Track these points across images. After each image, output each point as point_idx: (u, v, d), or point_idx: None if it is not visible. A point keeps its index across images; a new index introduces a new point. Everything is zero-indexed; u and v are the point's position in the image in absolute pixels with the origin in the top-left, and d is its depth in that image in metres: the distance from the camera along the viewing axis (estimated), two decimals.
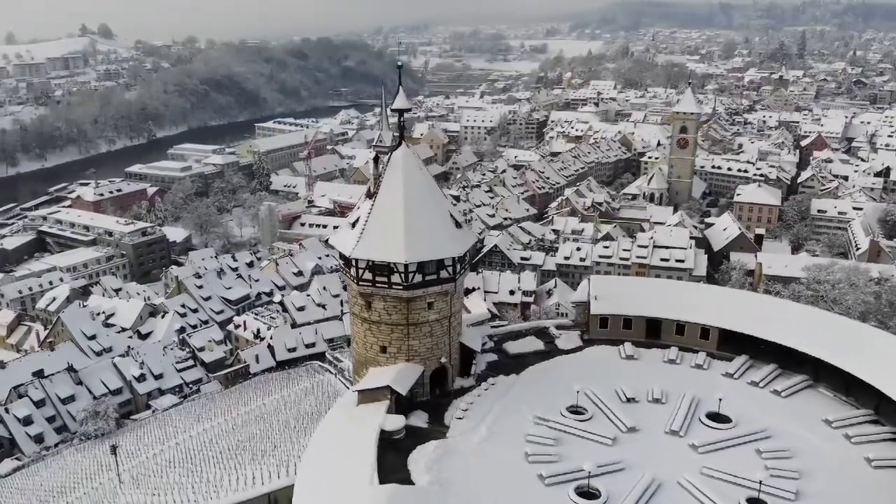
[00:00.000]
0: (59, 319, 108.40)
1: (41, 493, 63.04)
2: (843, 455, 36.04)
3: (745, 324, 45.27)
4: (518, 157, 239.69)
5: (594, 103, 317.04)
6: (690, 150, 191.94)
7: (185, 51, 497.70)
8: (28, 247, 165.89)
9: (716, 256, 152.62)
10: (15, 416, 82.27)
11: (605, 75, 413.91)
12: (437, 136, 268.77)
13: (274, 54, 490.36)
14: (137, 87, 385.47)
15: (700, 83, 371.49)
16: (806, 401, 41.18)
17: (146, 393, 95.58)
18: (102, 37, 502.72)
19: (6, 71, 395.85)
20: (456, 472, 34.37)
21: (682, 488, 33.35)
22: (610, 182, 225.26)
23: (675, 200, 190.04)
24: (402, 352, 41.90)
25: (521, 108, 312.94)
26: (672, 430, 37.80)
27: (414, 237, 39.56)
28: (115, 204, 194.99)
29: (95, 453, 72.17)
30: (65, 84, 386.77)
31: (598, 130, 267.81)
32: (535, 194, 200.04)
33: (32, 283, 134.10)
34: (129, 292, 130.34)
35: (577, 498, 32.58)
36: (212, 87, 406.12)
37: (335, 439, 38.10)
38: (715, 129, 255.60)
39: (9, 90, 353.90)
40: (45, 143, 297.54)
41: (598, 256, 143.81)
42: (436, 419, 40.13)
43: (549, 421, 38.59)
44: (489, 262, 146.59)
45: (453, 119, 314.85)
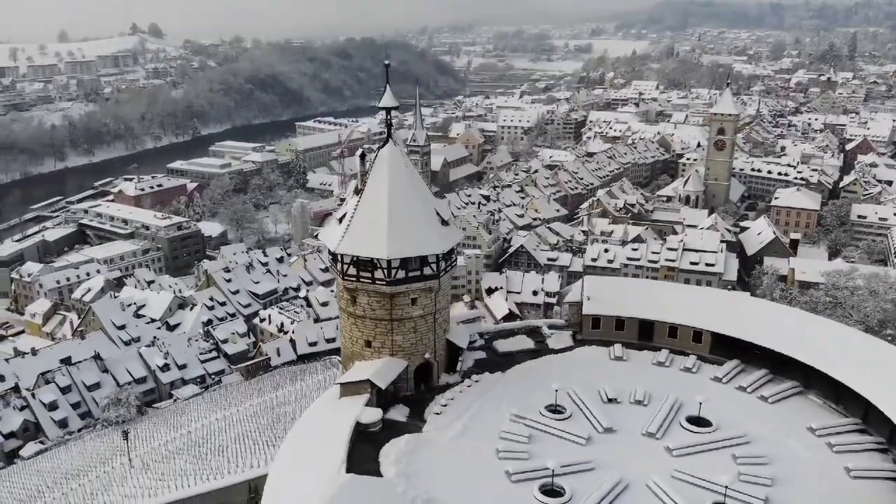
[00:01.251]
0: (90, 309, 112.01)
1: (57, 476, 65.44)
2: (821, 463, 35.29)
3: (738, 328, 44.60)
4: (553, 157, 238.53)
5: (634, 104, 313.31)
6: (728, 152, 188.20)
7: (231, 50, 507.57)
8: (69, 239, 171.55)
9: (749, 261, 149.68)
10: (41, 402, 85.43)
11: (648, 75, 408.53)
12: (473, 135, 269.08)
13: (318, 54, 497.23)
14: (184, 86, 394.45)
15: (746, 84, 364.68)
16: (793, 407, 40.38)
17: (169, 382, 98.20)
18: (152, 36, 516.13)
19: (58, 68, 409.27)
20: (424, 466, 34.70)
21: (649, 490, 33.11)
22: (646, 183, 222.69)
23: (712, 203, 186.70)
24: (387, 346, 42.41)
25: (560, 108, 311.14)
26: (649, 433, 37.49)
27: (397, 233, 40.03)
28: (155, 199, 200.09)
29: (113, 438, 74.48)
30: (114, 81, 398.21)
31: (637, 131, 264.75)
32: (567, 195, 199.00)
33: (70, 273, 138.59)
34: (162, 285, 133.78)
35: (541, 496, 32.61)
36: (256, 86, 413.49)
37: (313, 430, 38.85)
38: (757, 131, 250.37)
39: (60, 87, 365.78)
40: (93, 139, 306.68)
41: (626, 258, 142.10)
42: (415, 414, 40.54)
43: (525, 419, 38.64)
44: (515, 263, 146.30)
45: (491, 119, 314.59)
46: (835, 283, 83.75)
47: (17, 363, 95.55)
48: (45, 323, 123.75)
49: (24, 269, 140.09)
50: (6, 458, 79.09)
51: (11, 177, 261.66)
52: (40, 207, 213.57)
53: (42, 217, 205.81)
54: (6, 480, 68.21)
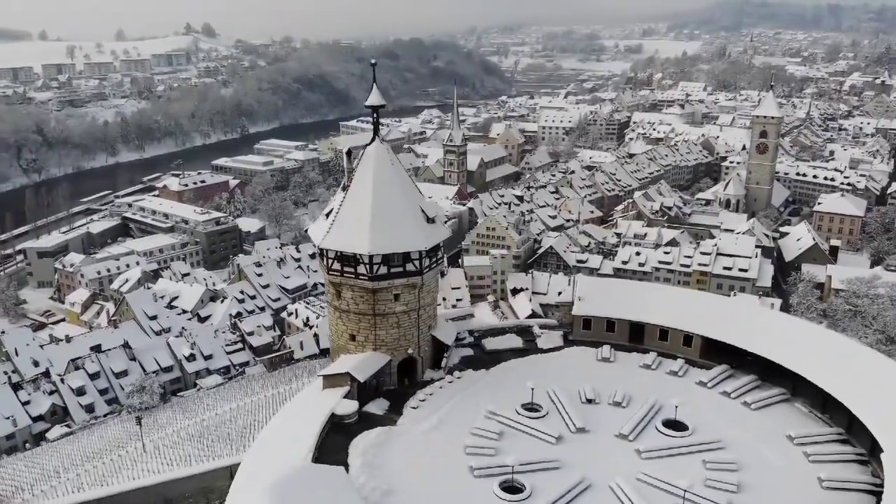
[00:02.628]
0: (124, 299, 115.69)
1: (75, 457, 68.10)
2: (794, 472, 34.59)
3: (728, 333, 43.98)
4: (593, 158, 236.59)
5: (679, 105, 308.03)
6: (770, 156, 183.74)
7: (281, 50, 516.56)
8: (113, 231, 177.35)
9: (787, 267, 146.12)
10: (69, 387, 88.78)
11: (697, 77, 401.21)
12: (513, 135, 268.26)
13: (366, 54, 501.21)
14: (234, 85, 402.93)
15: (798, 87, 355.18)
16: (775, 415, 39.63)
17: (194, 372, 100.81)
18: (206, 35, 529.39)
19: (113, 66, 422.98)
20: (390, 458, 35.27)
21: (610, 491, 33.01)
22: (687, 186, 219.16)
23: (753, 208, 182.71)
24: (370, 341, 43.11)
25: (603, 109, 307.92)
26: (621, 434, 37.31)
27: (379, 230, 40.68)
28: (197, 194, 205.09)
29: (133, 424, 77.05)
30: (167, 80, 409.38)
31: (681, 133, 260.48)
32: (603, 196, 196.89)
33: (110, 265, 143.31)
34: (196, 278, 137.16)
35: (500, 492, 32.81)
36: (304, 86, 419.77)
37: (291, 419, 39.75)
38: (805, 134, 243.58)
39: (114, 84, 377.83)
40: (144, 135, 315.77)
41: (658, 262, 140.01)
42: (394, 408, 41.11)
43: (499, 416, 38.85)
44: (544, 264, 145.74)
45: (532, 119, 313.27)
46: (855, 291, 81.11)
47: (51, 349, 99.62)
48: (83, 312, 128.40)
49: (67, 260, 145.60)
50: (34, 439, 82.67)
51: (64, 171, 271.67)
52: (89, 201, 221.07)
53: (91, 210, 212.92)
54: (28, 461, 71.30)
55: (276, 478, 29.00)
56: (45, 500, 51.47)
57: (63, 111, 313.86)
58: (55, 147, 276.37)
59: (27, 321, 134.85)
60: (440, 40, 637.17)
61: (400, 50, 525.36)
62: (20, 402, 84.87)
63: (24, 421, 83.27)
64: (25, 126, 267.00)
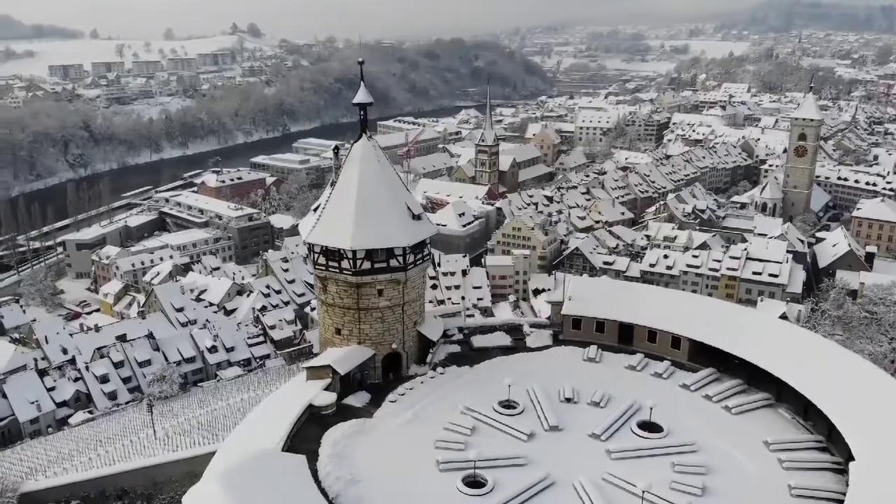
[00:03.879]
0: (152, 291, 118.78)
1: (91, 442, 70.35)
2: (764, 478, 34.08)
3: (716, 336, 43.47)
4: (629, 159, 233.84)
5: (721, 106, 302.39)
6: (809, 159, 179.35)
7: (324, 50, 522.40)
8: (150, 225, 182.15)
9: (821, 273, 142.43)
10: (93, 374, 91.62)
11: (742, 78, 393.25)
12: (549, 136, 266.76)
13: (407, 54, 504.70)
14: (276, 84, 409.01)
15: (846, 89, 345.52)
16: (756, 420, 39.07)
17: (216, 363, 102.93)
18: (251, 35, 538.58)
19: (161, 65, 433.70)
20: (359, 449, 35.88)
21: (572, 489, 33.04)
22: (725, 189, 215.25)
23: (790, 212, 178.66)
24: (354, 335, 43.82)
25: (642, 110, 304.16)
26: (594, 434, 37.25)
27: (362, 225, 41.34)
28: (234, 191, 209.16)
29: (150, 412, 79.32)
30: (212, 78, 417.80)
31: (721, 135, 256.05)
32: (636, 198, 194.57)
33: (144, 257, 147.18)
34: (226, 272, 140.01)
35: (463, 486, 33.11)
36: (345, 86, 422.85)
37: (272, 408, 40.66)
38: (850, 138, 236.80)
39: (161, 82, 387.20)
40: (188, 133, 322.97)
41: (686, 265, 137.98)
42: (375, 401, 41.74)
43: (475, 412, 39.13)
44: (570, 265, 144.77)
45: (569, 119, 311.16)
46: (871, 298, 78.74)
47: (79, 338, 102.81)
48: (116, 303, 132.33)
49: (104, 252, 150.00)
50: (57, 424, 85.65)
51: (109, 166, 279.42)
52: (131, 196, 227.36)
53: (133, 204, 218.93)
54: (47, 444, 73.94)
55: (234, 464, 29.79)
56: (46, 481, 53.30)
57: (110, 108, 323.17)
58: (101, 143, 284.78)
59: (63, 310, 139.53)
60: (483, 40, 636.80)
61: (441, 50, 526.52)
62: (45, 387, 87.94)
63: (49, 406, 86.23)
64: (73, 122, 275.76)
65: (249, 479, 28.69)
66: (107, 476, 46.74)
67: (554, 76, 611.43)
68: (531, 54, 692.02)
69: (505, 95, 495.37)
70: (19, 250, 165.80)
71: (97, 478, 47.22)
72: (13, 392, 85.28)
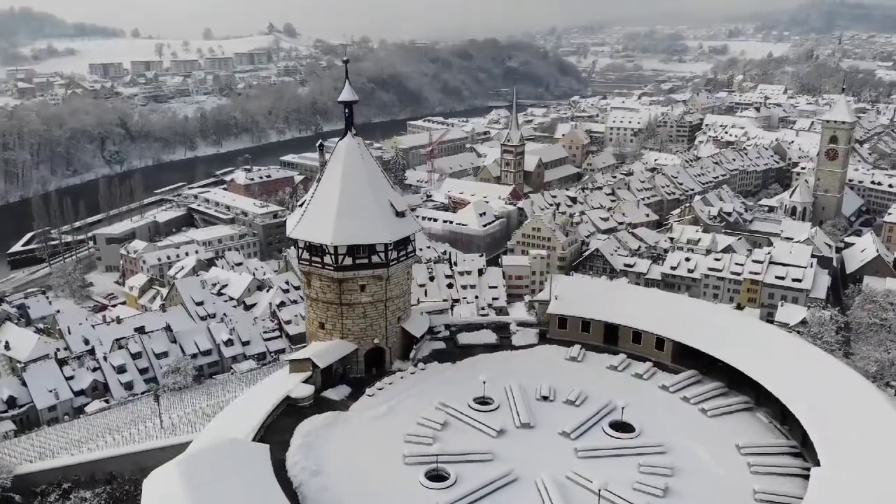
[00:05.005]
0: (173, 285, 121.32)
1: (101, 430, 72.49)
2: (729, 482, 33.79)
3: (699, 338, 43.16)
4: (658, 160, 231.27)
5: (755, 108, 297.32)
6: (841, 162, 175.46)
7: (358, 50, 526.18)
8: (178, 221, 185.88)
9: (848, 279, 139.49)
10: (111, 364, 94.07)
11: (780, 79, 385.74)
12: (578, 136, 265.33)
13: (440, 55, 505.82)
14: (310, 84, 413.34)
15: (886, 91, 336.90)
16: (731, 423, 38.72)
17: (231, 356, 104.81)
18: (287, 35, 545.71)
19: (198, 63, 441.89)
20: (329, 441, 36.50)
21: (534, 486, 33.19)
22: (755, 192, 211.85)
23: (821, 216, 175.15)
24: (337, 329, 44.49)
25: (674, 111, 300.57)
26: (564, 432, 37.32)
27: (344, 221, 41.99)
28: (262, 188, 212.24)
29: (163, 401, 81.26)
30: (247, 78, 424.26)
31: (755, 137, 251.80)
32: (663, 200, 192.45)
33: (171, 252, 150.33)
34: (248, 267, 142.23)
35: (425, 479, 33.50)
36: (378, 86, 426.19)
37: (252, 399, 41.62)
38: (886, 141, 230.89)
39: (198, 81, 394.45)
40: (222, 131, 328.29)
41: (708, 269, 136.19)
42: (354, 394, 42.33)
43: (449, 408, 39.49)
44: (590, 266, 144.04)
45: (600, 120, 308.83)
46: (880, 304, 76.81)
47: (101, 329, 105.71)
48: (140, 296, 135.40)
49: (132, 247, 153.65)
50: (74, 412, 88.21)
51: (145, 162, 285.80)
52: (163, 192, 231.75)
53: (165, 200, 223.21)
54: (61, 431, 76.35)
55: (196, 451, 30.64)
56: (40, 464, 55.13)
57: (147, 106, 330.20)
58: (137, 140, 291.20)
59: (91, 303, 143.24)
60: (518, 41, 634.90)
61: (474, 50, 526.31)
62: (64, 376, 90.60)
63: (66, 394, 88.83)
64: (110, 119, 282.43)
65: (208, 465, 29.48)
66: (96, 461, 48.27)
67: (588, 76, 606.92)
68: (566, 54, 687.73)
69: (537, 95, 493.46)
70: (51, 244, 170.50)
71: (87, 462, 48.86)
72: (33, 380, 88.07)
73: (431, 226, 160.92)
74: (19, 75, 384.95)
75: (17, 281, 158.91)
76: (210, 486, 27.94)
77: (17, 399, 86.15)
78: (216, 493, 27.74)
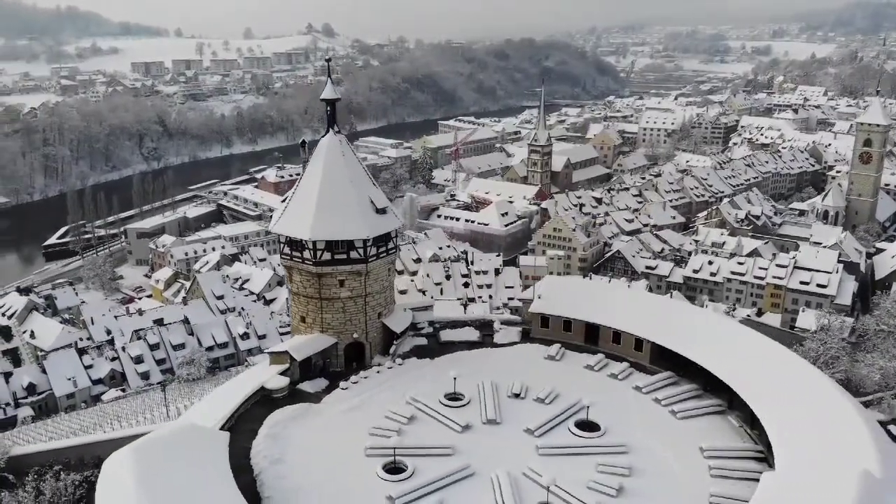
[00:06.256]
0: (195, 279, 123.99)
1: (110, 417, 74.62)
2: (686, 484, 33.66)
3: (676, 340, 42.92)
4: (690, 161, 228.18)
5: (793, 110, 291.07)
6: (875, 166, 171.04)
7: (395, 50, 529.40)
8: (208, 217, 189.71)
9: (877, 286, 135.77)
10: (129, 355, 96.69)
11: (822, 81, 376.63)
12: (609, 136, 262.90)
13: (476, 55, 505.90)
14: (346, 83, 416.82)
15: None
16: (699, 425, 38.48)
17: (247, 349, 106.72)
18: (325, 35, 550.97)
19: (237, 63, 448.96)
20: (296, 432, 37.32)
21: (488, 481, 33.46)
22: (788, 195, 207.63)
23: (854, 221, 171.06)
24: (317, 323, 45.33)
25: (710, 112, 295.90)
26: (528, 430, 37.52)
27: (322, 217, 42.82)
28: (291, 186, 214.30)
29: (175, 392, 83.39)
30: (285, 77, 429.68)
31: (791, 139, 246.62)
32: (692, 202, 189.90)
33: (198, 247, 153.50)
34: (271, 263, 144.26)
35: (382, 472, 34.06)
36: (413, 86, 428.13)
37: (230, 389, 42.65)
38: None
39: (236, 80, 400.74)
40: (258, 129, 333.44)
41: (730, 272, 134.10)
42: (330, 388, 43.08)
43: (419, 402, 39.99)
44: (611, 268, 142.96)
45: (635, 120, 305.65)
46: (889, 311, 74.70)
47: (123, 321, 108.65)
48: (165, 289, 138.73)
49: (160, 241, 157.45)
50: (91, 400, 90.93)
51: (181, 159, 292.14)
52: (197, 188, 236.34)
53: (197, 196, 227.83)
54: (75, 417, 78.88)
55: (156, 436, 31.69)
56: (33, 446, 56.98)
57: (185, 104, 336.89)
58: (175, 137, 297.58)
59: (120, 294, 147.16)
60: (557, 40, 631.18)
61: (511, 50, 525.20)
62: (83, 365, 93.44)
63: (84, 383, 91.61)
64: (148, 117, 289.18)
65: (162, 450, 30.50)
66: (86, 444, 49.95)
67: (627, 76, 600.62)
68: (605, 54, 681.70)
69: (574, 95, 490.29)
70: (85, 237, 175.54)
71: (77, 445, 50.54)
72: (53, 368, 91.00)
73: (453, 225, 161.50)
74: (63, 73, 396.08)
75: (51, 273, 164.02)
76: (160, 470, 28.90)
77: (37, 386, 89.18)
78: (165, 477, 28.69)
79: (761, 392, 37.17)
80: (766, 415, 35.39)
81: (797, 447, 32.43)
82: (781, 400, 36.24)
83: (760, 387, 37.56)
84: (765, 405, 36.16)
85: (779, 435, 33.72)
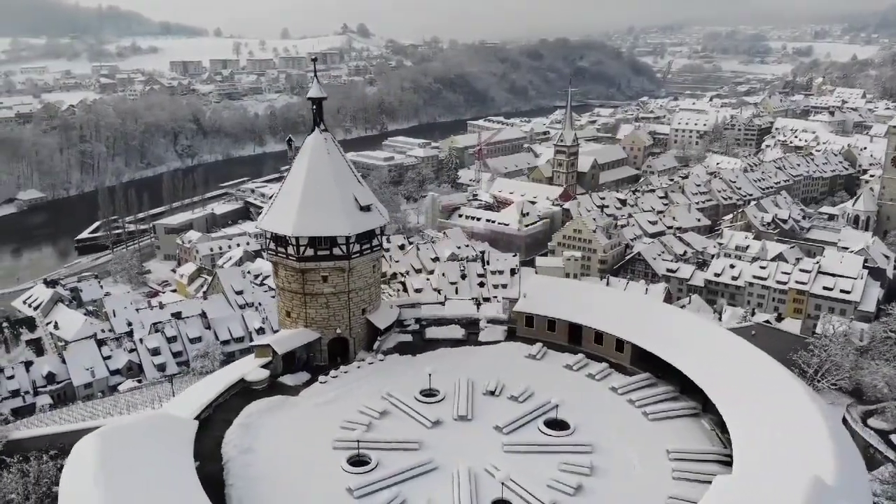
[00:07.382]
0: (215, 274, 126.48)
1: (123, 406, 76.71)
2: (647, 485, 33.51)
3: (656, 342, 42.80)
4: (720, 164, 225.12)
5: (829, 112, 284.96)
6: None
7: (428, 50, 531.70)
8: (234, 214, 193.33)
9: None
10: (146, 347, 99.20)
11: (863, 83, 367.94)
12: (639, 137, 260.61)
13: (509, 55, 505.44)
14: (379, 83, 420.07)
15: None
16: (669, 428, 38.31)
17: None
18: (360, 35, 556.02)
19: (273, 62, 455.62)
20: (268, 423, 38.19)
21: (449, 476, 33.87)
22: (820, 199, 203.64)
23: (885, 226, 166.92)
24: (301, 318, 46.26)
25: (744, 114, 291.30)
26: (497, 427, 37.84)
27: (305, 214, 43.69)
28: None
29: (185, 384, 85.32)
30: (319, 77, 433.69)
31: (826, 142, 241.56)
32: (719, 204, 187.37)
33: (222, 243, 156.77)
34: None
35: (346, 464, 34.70)
36: (444, 86, 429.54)
37: (212, 380, 43.72)
38: None
39: (271, 79, 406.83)
40: (290, 128, 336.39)
41: (752, 276, 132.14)
42: (310, 381, 43.91)
43: (394, 398, 40.56)
44: (631, 270, 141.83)
45: (666, 121, 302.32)
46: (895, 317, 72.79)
47: (144, 313, 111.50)
48: (189, 283, 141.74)
49: (187, 237, 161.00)
50: (108, 390, 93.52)
51: (215, 157, 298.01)
52: (228, 186, 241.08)
53: (227, 194, 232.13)
54: (90, 407, 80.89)
55: (125, 422, 32.80)
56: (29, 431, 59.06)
57: (220, 103, 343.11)
58: (209, 135, 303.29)
59: (146, 288, 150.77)
60: (593, 40, 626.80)
61: (545, 50, 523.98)
62: (102, 356, 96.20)
63: (102, 373, 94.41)
64: (183, 115, 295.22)
65: (127, 436, 31.61)
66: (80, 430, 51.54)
67: (663, 77, 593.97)
68: (642, 54, 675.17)
69: (608, 96, 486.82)
70: (115, 232, 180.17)
71: (71, 431, 52.27)
72: (72, 358, 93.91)
73: (473, 225, 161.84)
74: (103, 71, 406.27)
75: (81, 266, 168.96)
76: (123, 455, 29.96)
77: (57, 375, 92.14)
78: (127, 461, 29.74)
79: (732, 396, 36.94)
80: (733, 419, 35.19)
81: (757, 452, 32.20)
82: (751, 404, 35.97)
83: (732, 391, 37.32)
84: (734, 409, 35.93)
85: (741, 439, 33.52)
